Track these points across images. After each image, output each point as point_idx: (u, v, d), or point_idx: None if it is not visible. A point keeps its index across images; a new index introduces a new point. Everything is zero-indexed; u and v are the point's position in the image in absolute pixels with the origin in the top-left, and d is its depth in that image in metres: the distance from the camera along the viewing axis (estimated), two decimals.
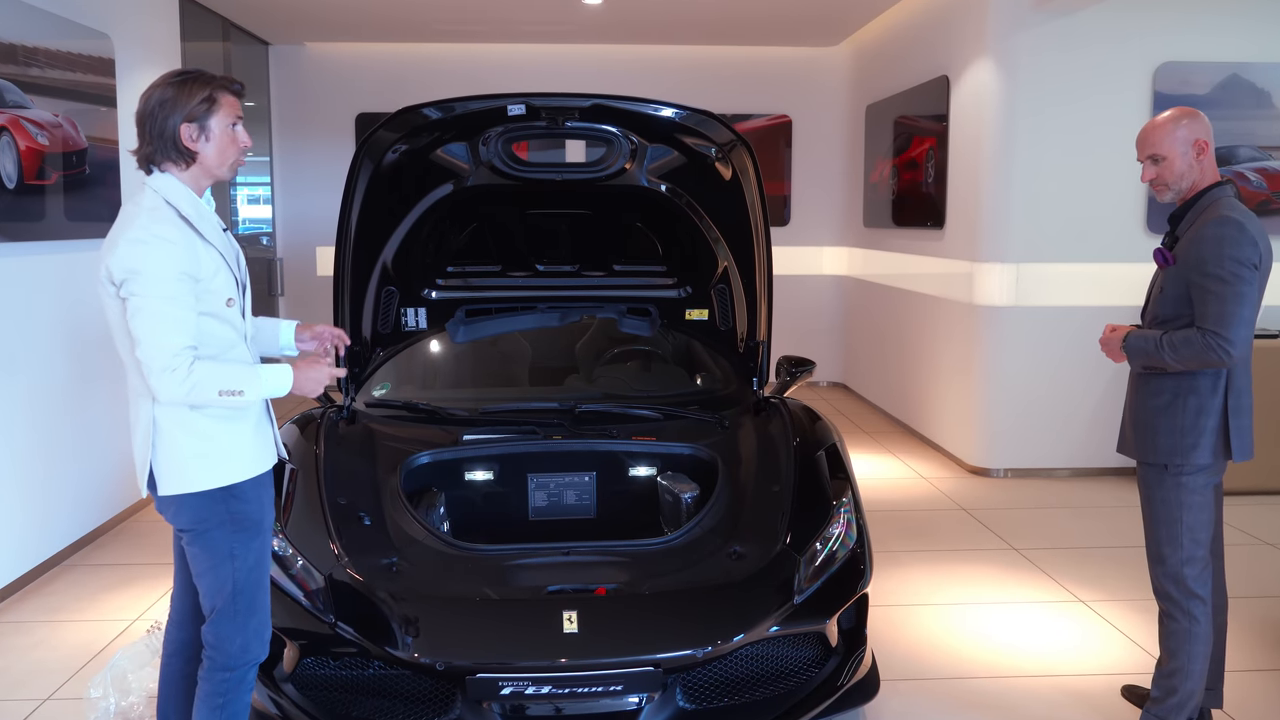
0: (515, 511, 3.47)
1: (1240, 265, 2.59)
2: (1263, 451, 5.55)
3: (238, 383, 2.24)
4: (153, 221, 2.19)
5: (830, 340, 8.85)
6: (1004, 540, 4.81)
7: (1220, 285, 2.60)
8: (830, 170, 8.74)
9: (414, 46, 8.36)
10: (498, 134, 3.72)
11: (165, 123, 2.25)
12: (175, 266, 2.18)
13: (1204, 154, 2.73)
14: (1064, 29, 5.68)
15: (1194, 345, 2.62)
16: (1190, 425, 2.72)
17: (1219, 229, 2.62)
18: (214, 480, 2.29)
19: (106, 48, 4.92)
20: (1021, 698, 3.29)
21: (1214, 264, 2.60)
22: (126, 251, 2.18)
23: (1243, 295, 2.59)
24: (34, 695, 3.30)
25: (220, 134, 2.30)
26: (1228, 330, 2.58)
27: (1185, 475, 2.75)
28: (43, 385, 4.42)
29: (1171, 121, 2.74)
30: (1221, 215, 2.64)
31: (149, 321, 2.17)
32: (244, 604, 2.36)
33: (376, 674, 2.71)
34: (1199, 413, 2.72)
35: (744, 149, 3.73)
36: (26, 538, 4.31)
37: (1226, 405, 2.71)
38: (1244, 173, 5.78)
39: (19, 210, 4.18)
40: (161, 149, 2.27)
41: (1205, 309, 2.62)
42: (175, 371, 2.17)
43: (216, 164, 2.32)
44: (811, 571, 2.88)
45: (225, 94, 2.31)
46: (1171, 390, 2.75)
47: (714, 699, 2.73)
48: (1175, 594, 2.79)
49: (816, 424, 3.56)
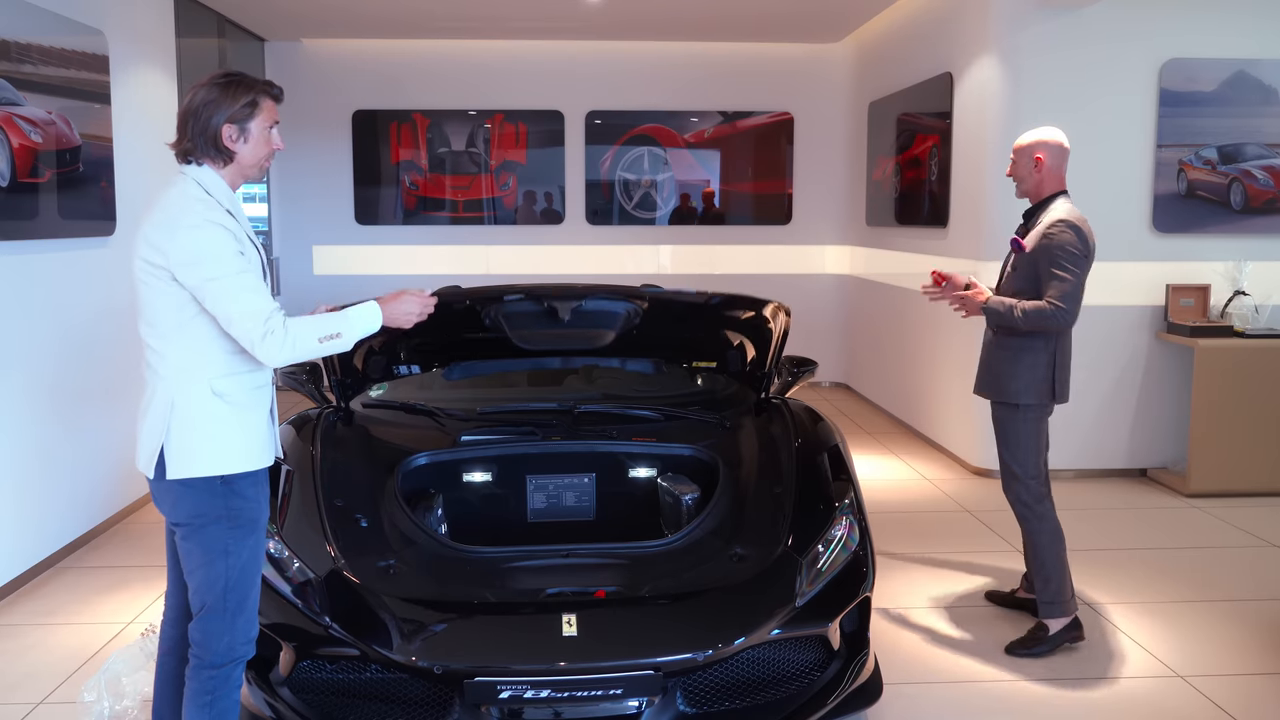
0: (514, 513, 3.44)
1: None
2: (1267, 453, 5.55)
3: (332, 327, 2.36)
4: (206, 209, 2.29)
5: (832, 340, 8.81)
6: (1008, 542, 4.78)
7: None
8: (832, 168, 8.70)
9: (411, 43, 8.33)
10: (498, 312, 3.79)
11: (208, 122, 2.34)
12: (233, 246, 2.29)
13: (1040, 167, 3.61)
14: (1069, 25, 5.64)
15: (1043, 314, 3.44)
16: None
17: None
18: (222, 466, 2.32)
19: (100, 44, 4.88)
20: (1025, 701, 3.26)
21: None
22: (190, 238, 2.26)
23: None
24: (27, 699, 3.27)
25: (258, 136, 2.41)
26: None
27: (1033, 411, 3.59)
28: (36, 385, 4.38)
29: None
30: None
31: (233, 297, 2.26)
32: (234, 602, 2.37)
33: (373, 677, 2.69)
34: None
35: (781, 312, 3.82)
36: (20, 539, 4.27)
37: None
38: (1251, 170, 5.74)
39: (12, 208, 4.14)
40: (201, 146, 2.36)
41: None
42: (274, 334, 2.27)
43: (251, 164, 2.42)
44: (813, 574, 2.86)
45: (267, 98, 2.42)
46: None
47: (715, 703, 2.70)
48: (1030, 501, 3.60)
49: (818, 425, 3.53)
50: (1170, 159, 5.72)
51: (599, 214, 8.58)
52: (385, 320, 2.45)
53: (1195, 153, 5.72)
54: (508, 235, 8.56)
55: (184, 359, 2.32)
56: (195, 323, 2.31)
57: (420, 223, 8.50)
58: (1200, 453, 5.50)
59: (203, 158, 2.37)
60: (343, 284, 8.32)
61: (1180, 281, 5.76)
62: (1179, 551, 4.68)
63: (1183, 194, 5.75)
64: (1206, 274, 5.79)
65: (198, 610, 2.38)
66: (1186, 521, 5.13)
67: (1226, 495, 5.50)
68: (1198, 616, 3.93)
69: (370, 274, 8.44)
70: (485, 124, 8.40)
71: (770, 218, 8.73)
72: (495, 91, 8.39)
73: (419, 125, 8.36)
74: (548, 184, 8.54)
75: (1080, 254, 3.44)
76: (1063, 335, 3.55)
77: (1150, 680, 3.40)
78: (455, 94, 8.37)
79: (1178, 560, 4.55)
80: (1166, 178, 5.73)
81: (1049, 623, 3.60)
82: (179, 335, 2.32)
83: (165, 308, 2.30)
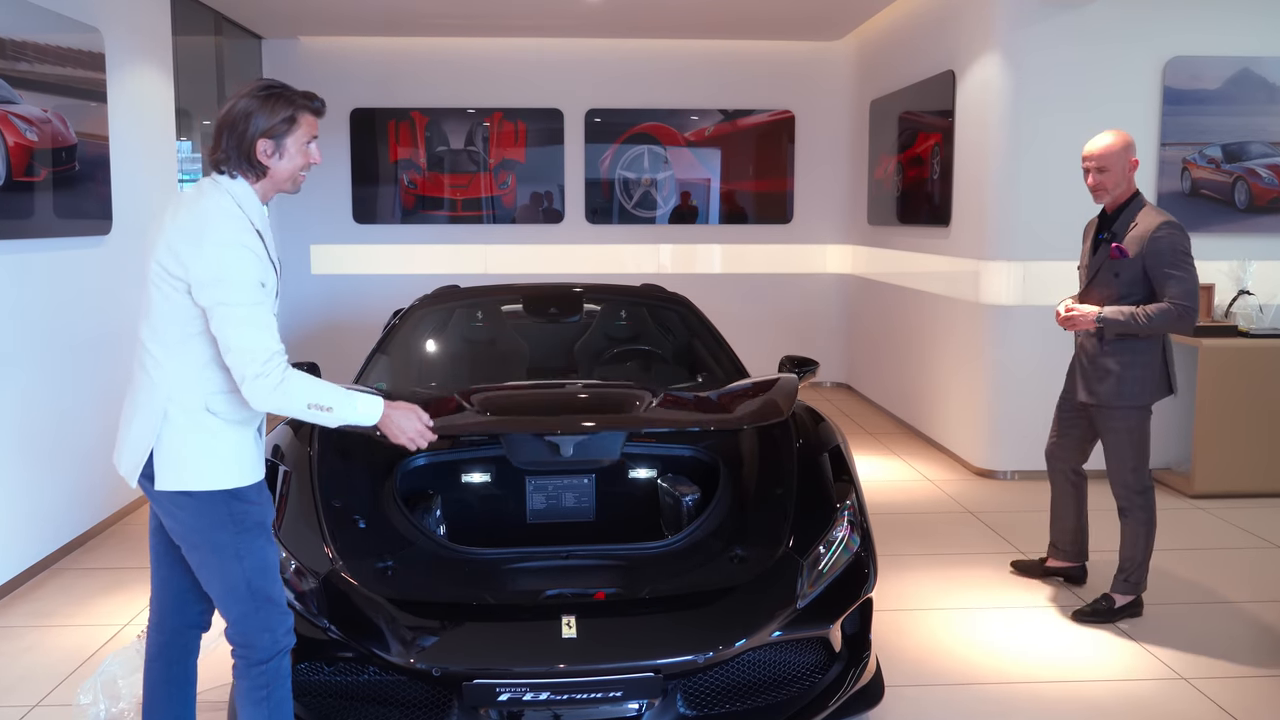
0: (513, 514, 3.41)
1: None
2: (1271, 453, 5.52)
3: (328, 399, 2.29)
4: (237, 229, 2.24)
5: (834, 340, 8.79)
6: (1011, 544, 4.75)
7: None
8: (834, 166, 8.68)
9: (409, 41, 8.30)
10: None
11: (244, 135, 2.29)
12: (257, 274, 2.24)
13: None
14: (1072, 23, 5.61)
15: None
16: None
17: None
18: (217, 482, 2.29)
19: (96, 42, 4.85)
20: (1028, 704, 3.24)
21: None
22: (216, 256, 2.20)
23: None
24: (23, 702, 3.25)
25: (294, 151, 2.35)
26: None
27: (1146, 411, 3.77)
28: (32, 386, 4.36)
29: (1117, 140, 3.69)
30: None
31: (240, 328, 2.21)
32: (262, 599, 2.36)
33: (371, 679, 2.68)
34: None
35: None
36: (15, 541, 4.25)
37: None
38: (1255, 169, 5.71)
39: (7, 207, 4.12)
40: (235, 158, 2.31)
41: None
42: (267, 378, 2.21)
43: (285, 179, 2.37)
44: (815, 575, 2.85)
45: (307, 113, 2.35)
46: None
47: (715, 705, 2.69)
48: (1141, 490, 3.78)
49: (820, 425, 3.50)
50: (1174, 158, 5.69)
51: (599, 213, 8.55)
52: (380, 424, 2.38)
53: (1199, 151, 5.69)
54: (507, 234, 8.53)
55: (184, 371, 2.29)
56: (201, 338, 2.28)
57: (419, 222, 8.47)
58: (1204, 453, 5.47)
59: (236, 169, 2.31)
60: (340, 283, 8.30)
61: None
62: (1182, 552, 4.65)
63: (1187, 193, 5.72)
64: (1210, 273, 5.76)
65: (227, 615, 2.37)
66: (1190, 522, 5.11)
67: (1230, 496, 5.47)
68: (1201, 618, 3.90)
69: (368, 273, 8.41)
70: (484, 122, 8.37)
71: (771, 217, 8.70)
72: (494, 90, 8.37)
73: (417, 124, 8.34)
74: (547, 183, 8.51)
75: (1190, 252, 3.59)
76: (1168, 334, 3.73)
77: (1153, 682, 3.38)
78: (454, 92, 8.34)
79: (1181, 561, 4.52)
80: (1170, 176, 5.70)
81: (1117, 596, 3.85)
82: (182, 347, 2.29)
83: (174, 318, 2.27)
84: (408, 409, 2.43)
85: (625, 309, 4.55)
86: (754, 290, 8.67)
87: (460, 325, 4.46)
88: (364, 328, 7.09)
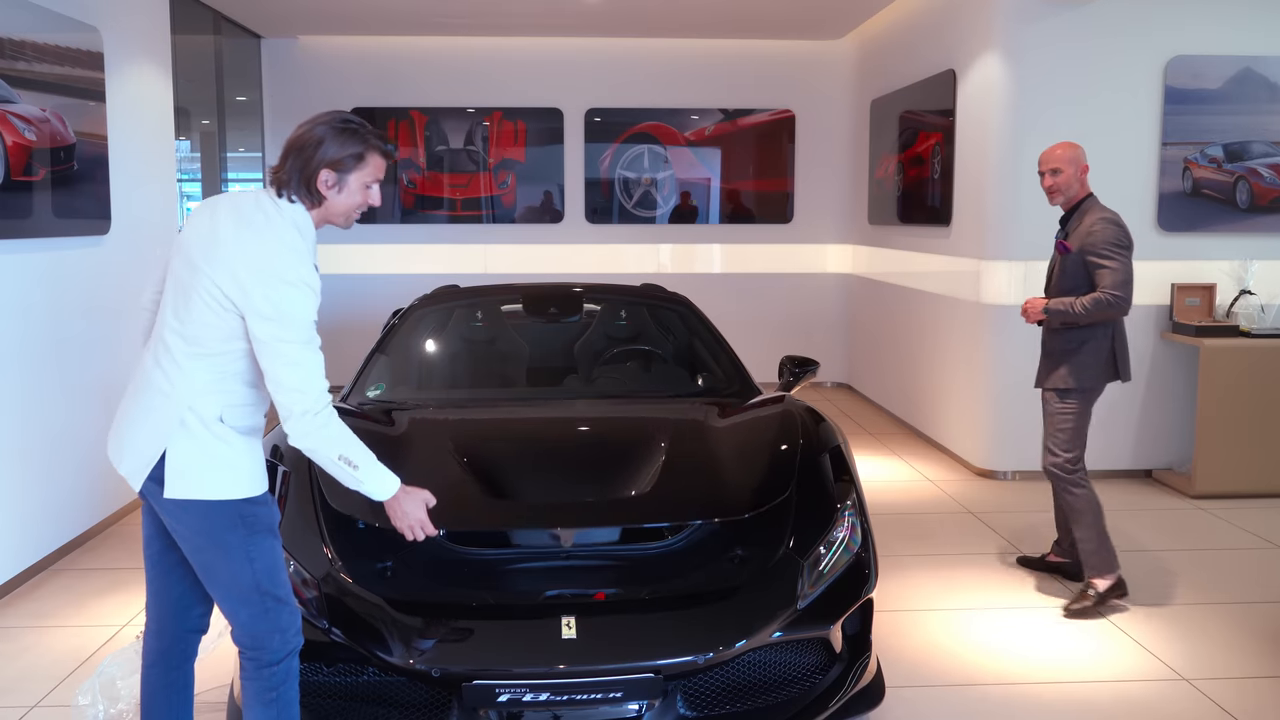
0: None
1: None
2: (1273, 454, 5.51)
3: (358, 457, 2.32)
4: (303, 265, 2.24)
5: (834, 340, 8.78)
6: (1012, 544, 4.74)
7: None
8: (834, 166, 8.67)
9: (408, 40, 8.29)
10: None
11: (310, 160, 2.29)
12: (313, 311, 2.26)
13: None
14: (1073, 22, 5.60)
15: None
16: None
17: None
18: (231, 491, 2.28)
19: (95, 41, 4.84)
20: (1029, 705, 3.23)
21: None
22: (281, 295, 2.21)
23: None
24: (21, 703, 3.24)
25: (355, 188, 2.35)
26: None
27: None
28: (30, 385, 4.35)
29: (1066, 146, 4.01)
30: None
31: (293, 368, 2.22)
32: (272, 601, 2.35)
33: (371, 680, 2.66)
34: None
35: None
36: (13, 541, 4.24)
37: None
38: (1257, 169, 5.70)
39: (6, 207, 4.11)
40: (296, 182, 2.31)
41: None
42: (315, 416, 2.24)
43: (339, 213, 2.37)
44: (815, 576, 2.84)
45: (376, 154, 2.35)
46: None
47: (716, 706, 2.68)
48: (1071, 471, 3.98)
49: (820, 425, 3.49)
50: (1175, 157, 5.68)
51: (599, 212, 8.54)
52: (387, 504, 2.42)
53: (1201, 151, 5.68)
54: (506, 234, 8.52)
55: (208, 381, 2.28)
56: (235, 354, 2.28)
57: (418, 221, 8.46)
58: (1206, 453, 5.46)
59: (295, 193, 2.31)
60: (340, 283, 8.28)
61: (1185, 281, 5.72)
62: (1184, 553, 4.64)
63: (1188, 192, 5.71)
64: (1212, 273, 5.75)
65: (235, 619, 2.35)
66: (1192, 523, 5.09)
67: (1232, 497, 5.46)
68: (1203, 619, 3.89)
69: (367, 273, 8.40)
70: (484, 122, 8.36)
71: (771, 216, 8.69)
72: (494, 89, 8.36)
73: (417, 123, 8.33)
74: (547, 182, 8.50)
75: (1123, 245, 3.86)
76: (1119, 322, 3.96)
77: (1155, 683, 3.37)
78: (453, 91, 8.33)
79: (1183, 562, 4.51)
80: (1172, 176, 5.69)
81: (1096, 581, 3.95)
82: (213, 360, 2.27)
83: (215, 334, 2.25)
84: (417, 498, 2.46)
85: (625, 309, 4.54)
86: (754, 290, 8.66)
87: (460, 325, 4.45)
88: (363, 327, 7.07)
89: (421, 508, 2.47)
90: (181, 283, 2.29)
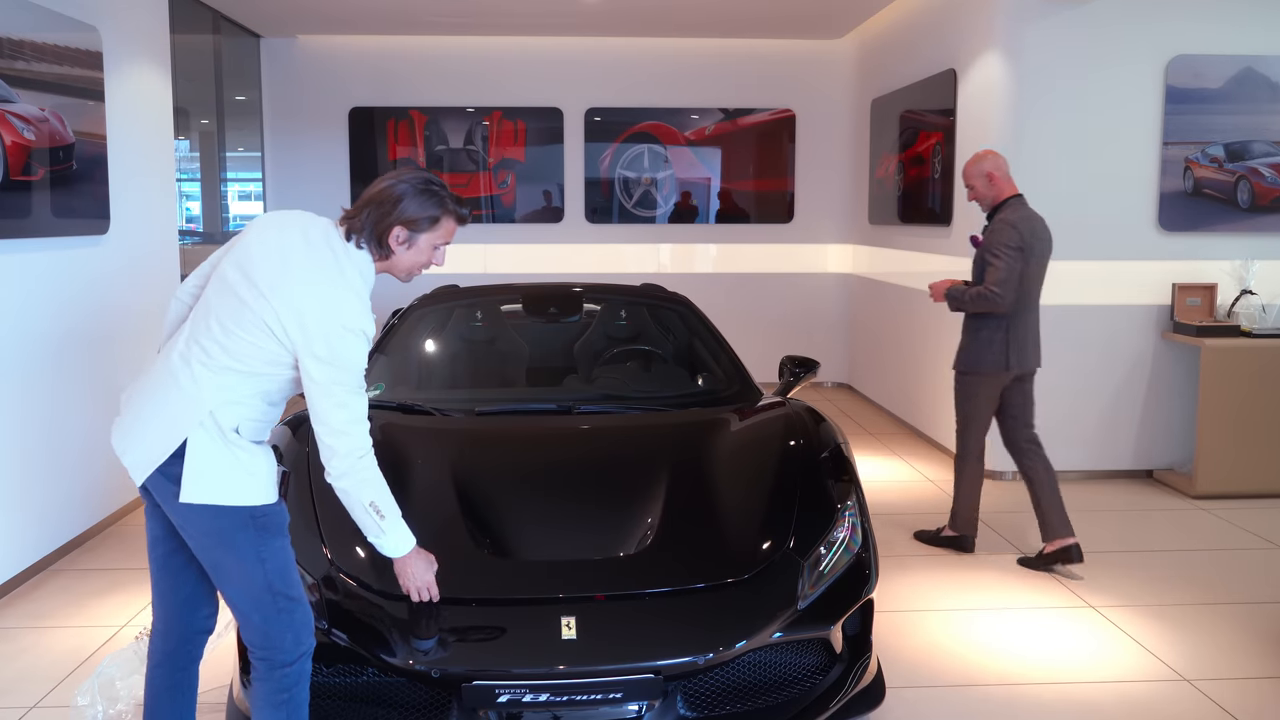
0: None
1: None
2: (1275, 454, 5.50)
3: (387, 508, 2.41)
4: (364, 314, 2.29)
5: (835, 340, 8.77)
6: (1012, 544, 4.73)
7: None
8: (835, 166, 8.66)
9: (408, 40, 8.29)
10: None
11: (387, 214, 2.34)
12: (366, 359, 2.33)
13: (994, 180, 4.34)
14: (1074, 21, 5.59)
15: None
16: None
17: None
18: (247, 498, 2.29)
19: (94, 40, 4.84)
20: (1030, 705, 3.22)
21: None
22: (342, 342, 2.26)
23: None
24: (20, 703, 3.23)
25: (424, 247, 2.40)
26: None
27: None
28: (30, 386, 4.34)
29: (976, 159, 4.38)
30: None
31: (342, 411, 2.28)
32: (284, 601, 2.34)
33: (370, 681, 2.66)
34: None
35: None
36: (12, 541, 4.23)
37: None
38: (1258, 168, 5.69)
39: (5, 207, 4.10)
40: (369, 232, 2.35)
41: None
42: (361, 459, 2.32)
43: (402, 269, 2.42)
44: (815, 576, 2.83)
45: (451, 219, 2.42)
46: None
47: (716, 706, 2.67)
48: (962, 452, 4.51)
49: (820, 425, 3.48)
50: (1176, 156, 5.68)
51: (598, 212, 8.54)
52: (397, 562, 2.52)
53: (1202, 150, 5.67)
54: (506, 234, 8.52)
55: (238, 395, 2.28)
56: (273, 378, 2.31)
57: None
58: (1207, 454, 5.45)
59: (365, 242, 2.35)
60: None
61: (1186, 280, 5.71)
62: (1185, 554, 4.64)
63: (1189, 192, 5.70)
64: (1213, 273, 5.75)
65: (248, 620, 2.34)
66: (1193, 523, 5.09)
67: (1233, 497, 5.45)
68: (1204, 619, 3.89)
69: None
70: (483, 121, 8.35)
71: (772, 216, 8.69)
72: (493, 88, 8.35)
73: (416, 123, 8.32)
74: (547, 182, 8.50)
75: (1012, 245, 4.14)
76: (1016, 316, 4.25)
77: (1156, 684, 3.36)
78: (453, 91, 8.33)
79: (1184, 563, 4.50)
80: (1173, 175, 5.69)
81: (948, 532, 4.60)
82: (252, 378, 2.29)
83: (262, 356, 2.28)
84: (425, 560, 2.56)
85: (625, 309, 4.53)
86: (754, 290, 8.66)
87: (459, 325, 4.44)
88: None
89: (430, 570, 2.57)
90: (238, 297, 2.28)
